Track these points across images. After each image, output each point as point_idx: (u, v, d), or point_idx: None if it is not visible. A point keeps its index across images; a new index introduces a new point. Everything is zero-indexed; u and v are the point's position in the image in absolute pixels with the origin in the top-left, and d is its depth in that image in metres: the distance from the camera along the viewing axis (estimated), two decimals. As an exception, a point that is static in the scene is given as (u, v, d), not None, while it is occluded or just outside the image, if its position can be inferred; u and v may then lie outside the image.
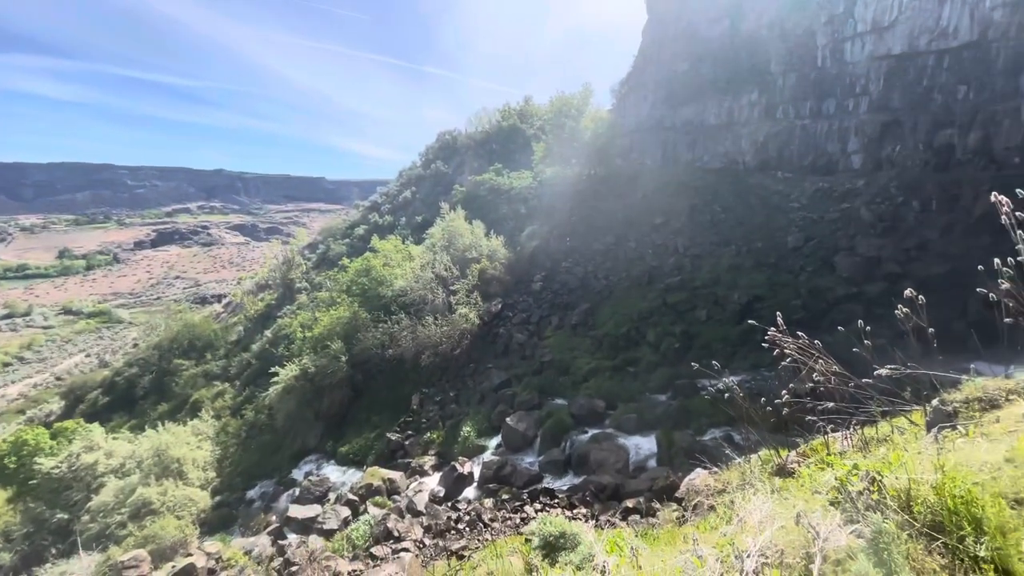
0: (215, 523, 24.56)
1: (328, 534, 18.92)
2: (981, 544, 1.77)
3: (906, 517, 1.86)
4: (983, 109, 26.47)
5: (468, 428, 24.48)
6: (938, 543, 1.80)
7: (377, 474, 22.33)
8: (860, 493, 2.08)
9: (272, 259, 61.67)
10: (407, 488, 21.44)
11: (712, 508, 5.99)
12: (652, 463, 18.88)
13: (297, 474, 27.39)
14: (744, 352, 23.50)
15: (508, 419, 23.40)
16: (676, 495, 11.76)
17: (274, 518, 23.17)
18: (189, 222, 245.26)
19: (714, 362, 6.29)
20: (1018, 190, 4.10)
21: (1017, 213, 4.00)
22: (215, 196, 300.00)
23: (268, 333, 44.78)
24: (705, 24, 42.63)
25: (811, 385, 5.53)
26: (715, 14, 41.72)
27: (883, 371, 4.18)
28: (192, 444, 29.13)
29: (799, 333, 5.25)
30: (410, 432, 26.62)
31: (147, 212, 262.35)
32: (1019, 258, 3.94)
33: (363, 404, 30.95)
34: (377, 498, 20.64)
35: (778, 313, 5.45)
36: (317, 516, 20.33)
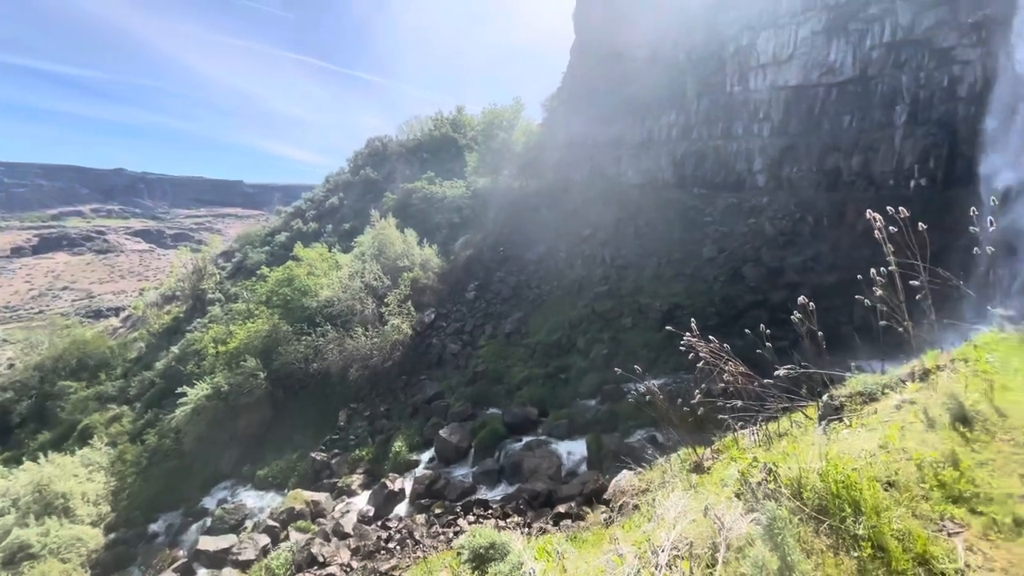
0: (110, 564, 21.88)
1: (244, 565, 17.51)
2: (859, 524, 1.99)
3: (798, 503, 2.05)
4: (864, 136, 30.14)
5: (400, 443, 23.78)
6: (824, 525, 2.00)
7: (300, 497, 21.04)
8: (759, 484, 2.26)
9: (181, 268, 56.57)
10: (333, 510, 20.38)
11: (636, 507, 6.21)
12: (583, 467, 19.35)
13: (208, 503, 25.13)
14: (666, 356, 24.81)
15: (441, 431, 23.02)
16: (604, 497, 12.10)
17: (181, 553, 21.09)
18: (81, 226, 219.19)
19: (636, 367, 6.56)
20: (889, 208, 4.69)
21: (888, 228, 4.57)
22: (113, 198, 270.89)
23: (175, 349, 40.93)
24: (629, 49, 45.15)
25: (722, 385, 5.91)
26: (638, 41, 44.31)
27: (780, 372, 4.57)
28: (81, 476, 25.85)
29: (711, 338, 5.61)
30: (337, 450, 25.37)
31: (28, 215, 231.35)
32: (890, 268, 4.50)
33: (284, 423, 29.09)
34: (300, 522, 19.43)
35: (692, 320, 5.81)
36: (232, 547, 18.76)
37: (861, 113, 30.29)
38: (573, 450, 20.55)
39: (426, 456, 23.17)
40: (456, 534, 15.96)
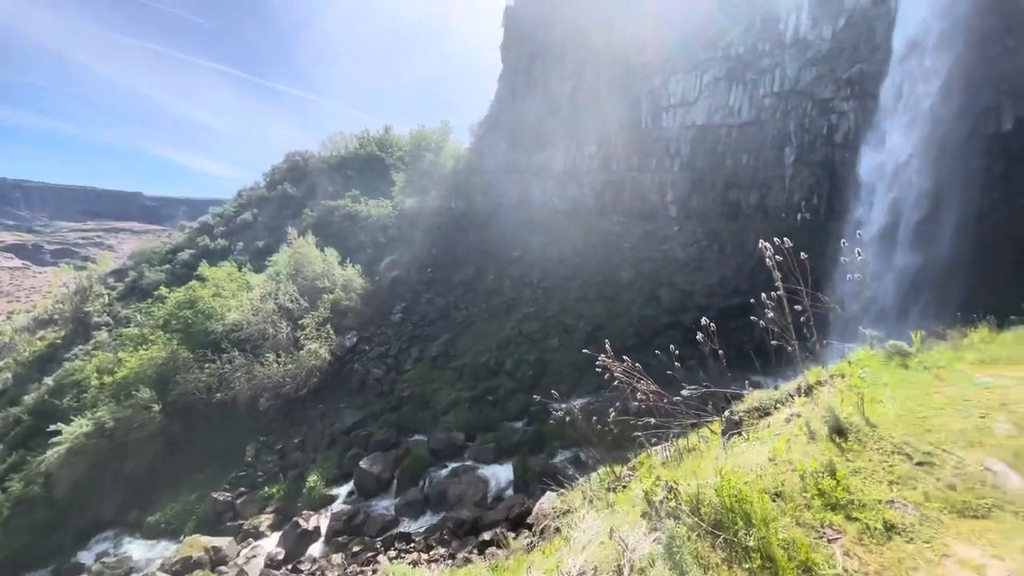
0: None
1: (124, 630, 15.26)
2: (750, 535, 2.10)
3: (696, 519, 2.13)
4: (759, 173, 33.53)
5: (315, 477, 22.19)
6: (720, 539, 2.09)
7: (198, 543, 18.87)
8: (661, 502, 2.33)
9: (61, 288, 49.93)
10: (237, 555, 18.48)
11: (558, 530, 6.18)
12: (510, 491, 19.15)
13: (85, 557, 21.85)
14: (590, 376, 25.50)
15: (362, 462, 21.83)
16: (528, 521, 11.99)
17: (44, 621, 18.01)
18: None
19: (553, 392, 6.61)
20: (776, 239, 5.16)
21: (776, 256, 5.03)
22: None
23: (49, 380, 35.69)
24: (555, 81, 47.31)
25: (636, 404, 6.11)
26: (562, 74, 46.57)
27: (685, 392, 4.80)
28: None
29: (625, 358, 5.80)
30: (243, 489, 23.17)
31: None
32: (778, 292, 4.93)
33: (182, 460, 26.19)
34: (197, 572, 17.37)
35: (606, 341, 5.98)
36: (109, 609, 16.33)
37: (757, 153, 33.74)
38: (500, 474, 20.31)
39: (344, 490, 21.80)
40: (375, 572, 15.05)
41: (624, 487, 5.76)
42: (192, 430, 27.54)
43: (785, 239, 4.97)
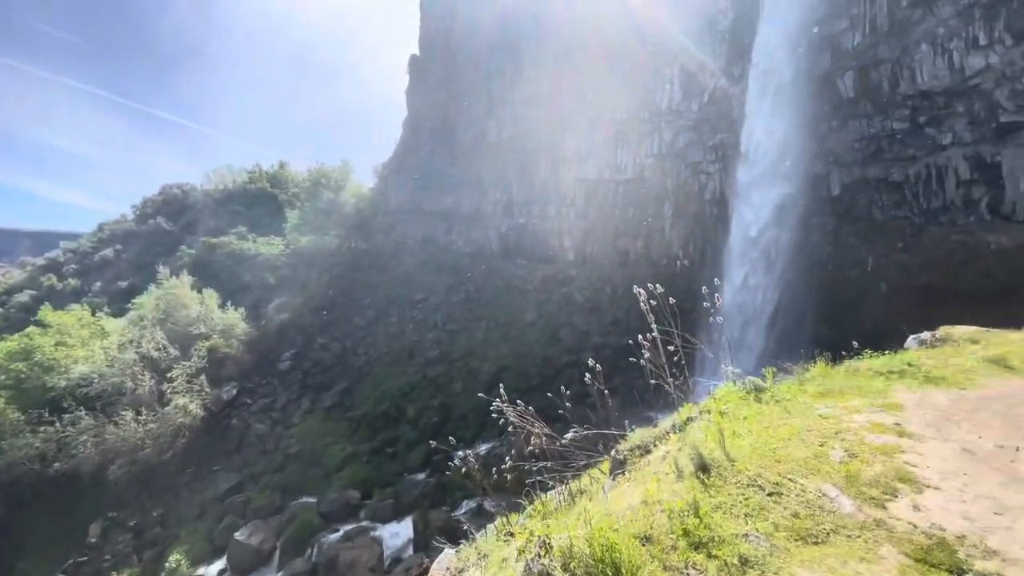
0: None
1: None
2: (621, 585, 2.09)
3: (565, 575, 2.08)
4: (644, 225, 36.84)
5: (178, 555, 19.00)
6: (591, 594, 2.05)
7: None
8: (534, 559, 2.25)
9: None
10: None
11: (451, 593, 5.77)
12: (409, 551, 17.87)
13: None
14: (494, 420, 25.19)
15: (237, 534, 19.15)
16: (426, 584, 11.18)
17: None
18: None
19: (451, 438, 6.37)
20: (649, 285, 5.56)
21: (651, 301, 5.40)
22: None
23: None
24: (459, 129, 48.81)
25: (530, 448, 6.05)
26: (466, 123, 48.27)
27: (568, 436, 4.86)
28: None
29: (519, 401, 5.76)
30: (80, 579, 19.10)
31: None
32: (654, 334, 5.27)
33: (5, 546, 21.07)
34: None
35: (500, 386, 5.92)
36: None
37: (641, 206, 37.17)
38: (398, 532, 18.93)
39: (216, 568, 18.89)
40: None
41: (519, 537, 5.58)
42: (20, 508, 22.49)
43: (658, 285, 5.37)
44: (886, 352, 6.36)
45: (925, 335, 7.31)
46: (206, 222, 55.19)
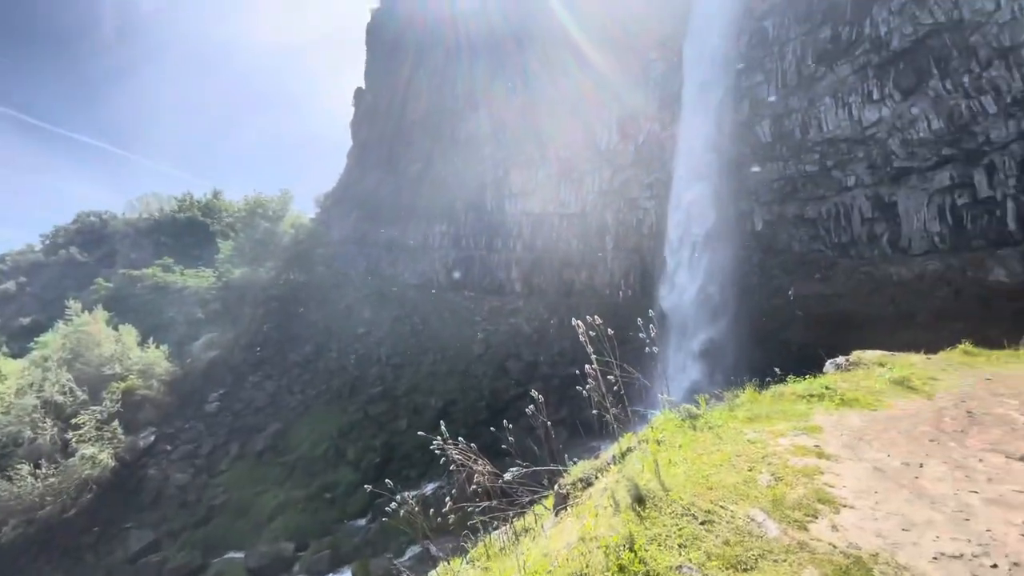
0: None
1: None
2: (556, 631, 2.02)
3: None
4: (587, 257, 38.00)
5: (72, 632, 16.60)
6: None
7: None
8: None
9: None
10: None
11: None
12: (347, 606, 16.62)
13: None
14: (440, 457, 24.43)
15: (147, 599, 17.08)
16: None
17: None
18: None
19: (388, 482, 6.06)
20: (588, 316, 5.67)
21: (590, 332, 5.50)
22: None
23: None
24: (405, 162, 48.89)
25: (473, 487, 5.87)
26: (412, 156, 48.48)
27: (508, 474, 4.78)
28: None
29: (460, 438, 5.61)
30: (-57, 672, 16.18)
31: None
32: (593, 366, 5.34)
33: None
34: None
35: (441, 421, 5.76)
36: None
37: (584, 239, 38.44)
38: (336, 586, 17.63)
39: (119, 643, 16.64)
40: None
41: (460, 584, 5.33)
42: None
43: (597, 317, 5.49)
44: (807, 376, 6.78)
45: (840, 359, 7.87)
46: (127, 253, 51.23)
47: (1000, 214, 17.58)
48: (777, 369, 6.73)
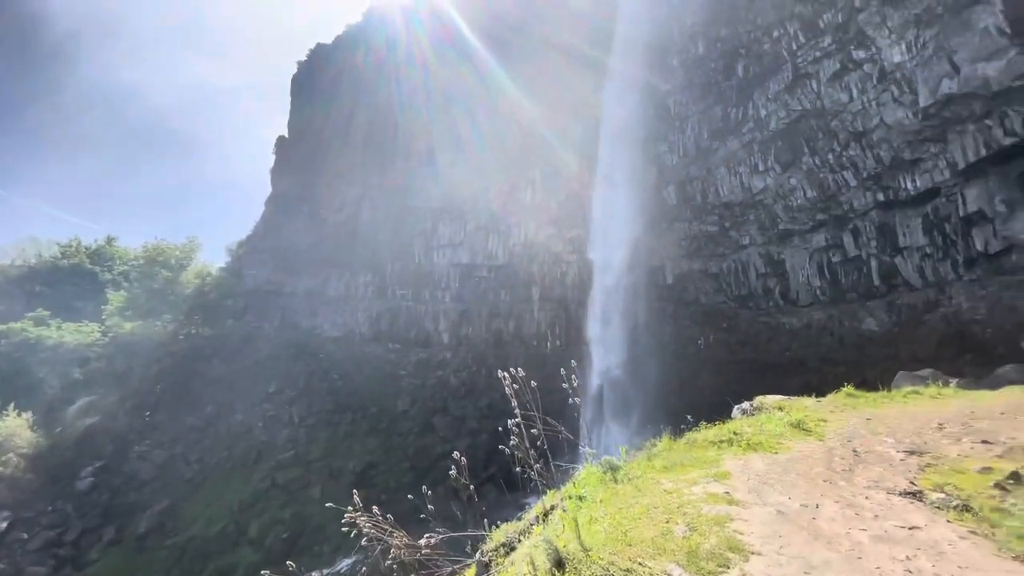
0: None
1: None
2: None
3: None
4: (515, 307, 38.53)
5: None
6: None
7: None
8: None
9: None
10: None
11: None
12: None
13: None
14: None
15: None
16: None
17: None
18: None
19: (290, 564, 5.46)
20: (513, 368, 5.64)
21: (514, 385, 5.45)
22: None
23: None
24: (330, 210, 47.72)
25: (389, 562, 5.42)
26: (338, 204, 47.49)
27: (423, 542, 4.50)
28: None
29: (374, 508, 5.21)
30: None
31: None
32: (517, 420, 5.26)
33: None
34: None
35: (355, 491, 5.34)
36: None
37: (512, 290, 39.12)
38: None
39: None
40: None
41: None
42: None
43: (519, 368, 5.47)
44: (717, 422, 7.14)
45: (746, 405, 8.41)
46: (-11, 305, 44.32)
47: (867, 271, 20.32)
48: (690, 416, 7.04)
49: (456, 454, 5.49)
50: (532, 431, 5.42)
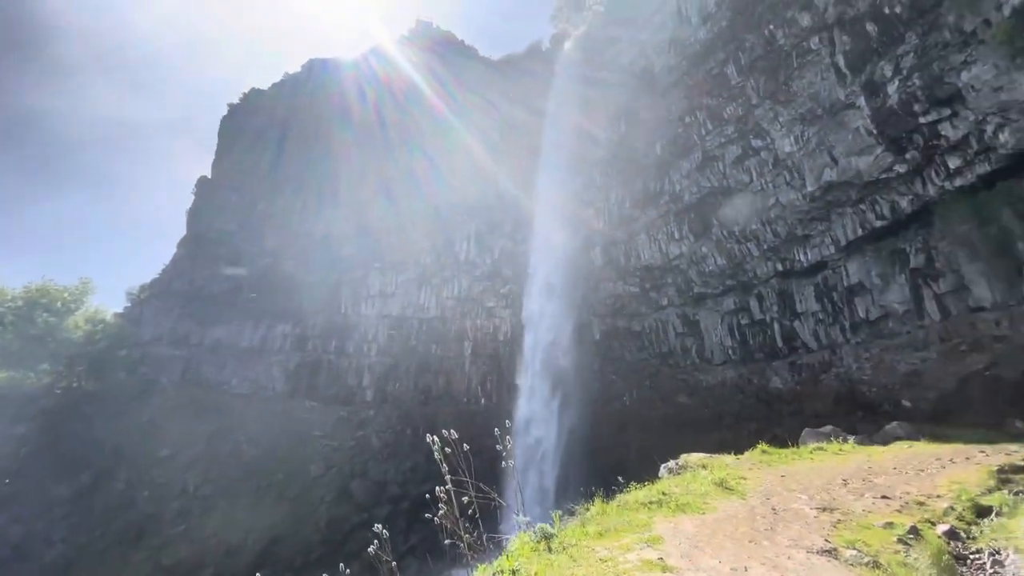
0: None
1: None
2: None
3: None
4: (445, 362, 37.59)
5: None
6: None
7: None
8: None
9: None
10: None
11: None
12: None
13: None
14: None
15: None
16: None
17: None
18: None
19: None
20: (444, 431, 5.40)
21: (445, 449, 5.19)
22: None
23: None
24: (249, 256, 45.05)
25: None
26: (259, 250, 45.00)
27: None
28: None
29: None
30: None
31: None
32: (447, 487, 4.97)
33: None
34: None
35: (257, 573, 4.74)
36: None
37: (443, 344, 38.37)
38: None
39: None
40: None
41: None
42: None
43: (452, 431, 5.25)
44: (646, 482, 7.20)
45: (672, 463, 8.59)
46: None
47: (771, 333, 22.21)
48: (620, 478, 7.04)
49: (377, 526, 5.06)
50: (463, 498, 5.14)
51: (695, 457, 8.38)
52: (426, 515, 5.32)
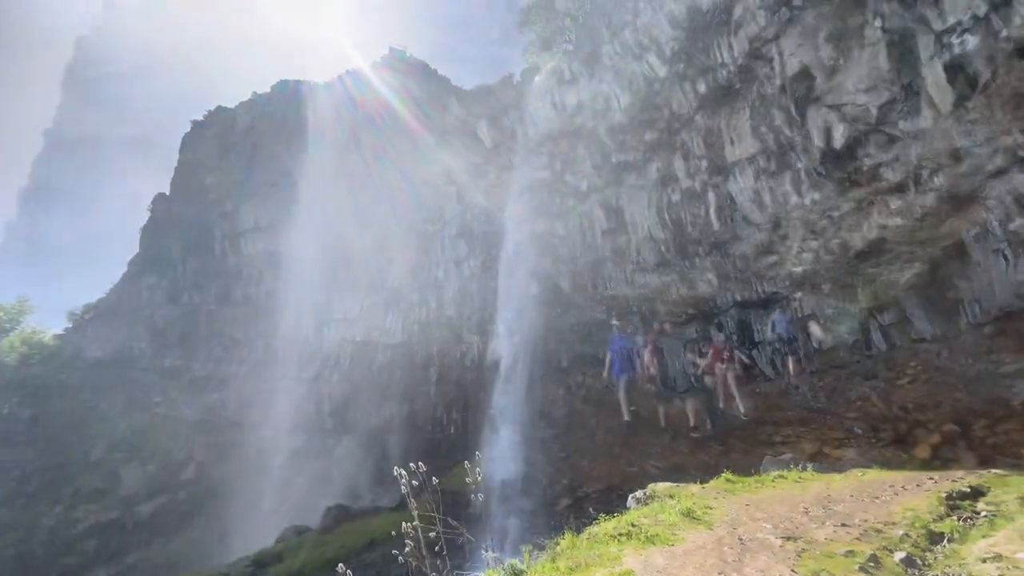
0: None
1: None
2: None
3: None
4: (411, 388, 36.76)
5: None
6: None
7: None
8: None
9: None
10: None
11: None
12: None
13: None
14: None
15: None
16: None
17: None
18: None
19: None
20: (414, 463, 5.25)
21: (413, 482, 5.05)
22: None
23: None
24: (207, 279, 43.40)
25: None
26: (219, 271, 43.45)
27: None
28: None
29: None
30: None
31: None
32: (415, 522, 4.81)
33: None
34: None
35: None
36: None
37: (408, 370, 37.59)
38: None
39: None
40: None
41: None
42: None
43: (420, 464, 5.12)
44: (615, 513, 7.17)
45: (639, 493, 8.61)
46: None
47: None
48: (591, 508, 6.98)
49: (341, 567, 4.84)
50: (429, 534, 4.98)
51: (663, 486, 8.42)
52: (393, 551, 5.12)
